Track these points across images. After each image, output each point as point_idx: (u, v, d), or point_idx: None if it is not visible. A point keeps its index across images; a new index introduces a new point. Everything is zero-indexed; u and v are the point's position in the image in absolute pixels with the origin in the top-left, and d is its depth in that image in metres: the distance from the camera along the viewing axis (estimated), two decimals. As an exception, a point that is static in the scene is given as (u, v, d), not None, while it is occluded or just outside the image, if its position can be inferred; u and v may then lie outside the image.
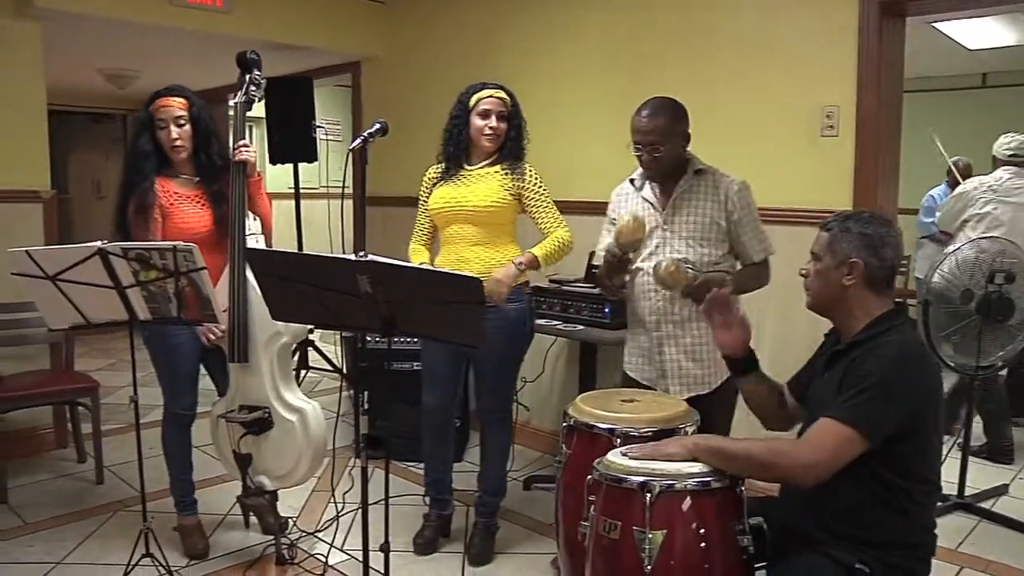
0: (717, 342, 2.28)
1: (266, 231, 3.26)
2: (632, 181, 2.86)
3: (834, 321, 2.06)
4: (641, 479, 1.91)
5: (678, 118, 2.70)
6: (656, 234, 2.73)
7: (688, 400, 2.62)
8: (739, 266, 2.80)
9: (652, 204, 2.76)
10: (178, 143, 2.96)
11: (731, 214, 2.70)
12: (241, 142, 2.98)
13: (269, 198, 3.19)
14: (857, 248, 1.93)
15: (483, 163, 3.08)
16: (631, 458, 2.01)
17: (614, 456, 2.06)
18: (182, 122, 2.96)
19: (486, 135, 3.01)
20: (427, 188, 3.16)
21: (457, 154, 3.07)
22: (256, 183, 3.07)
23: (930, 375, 1.89)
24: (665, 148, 2.65)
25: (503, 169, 3.05)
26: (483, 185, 3.03)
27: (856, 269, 1.93)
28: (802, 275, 2.07)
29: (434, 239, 3.21)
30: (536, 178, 3.07)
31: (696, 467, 1.93)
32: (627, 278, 2.80)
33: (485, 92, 3.01)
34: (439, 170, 3.14)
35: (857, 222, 1.97)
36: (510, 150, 3.07)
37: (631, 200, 2.83)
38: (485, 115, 3.00)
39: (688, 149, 2.77)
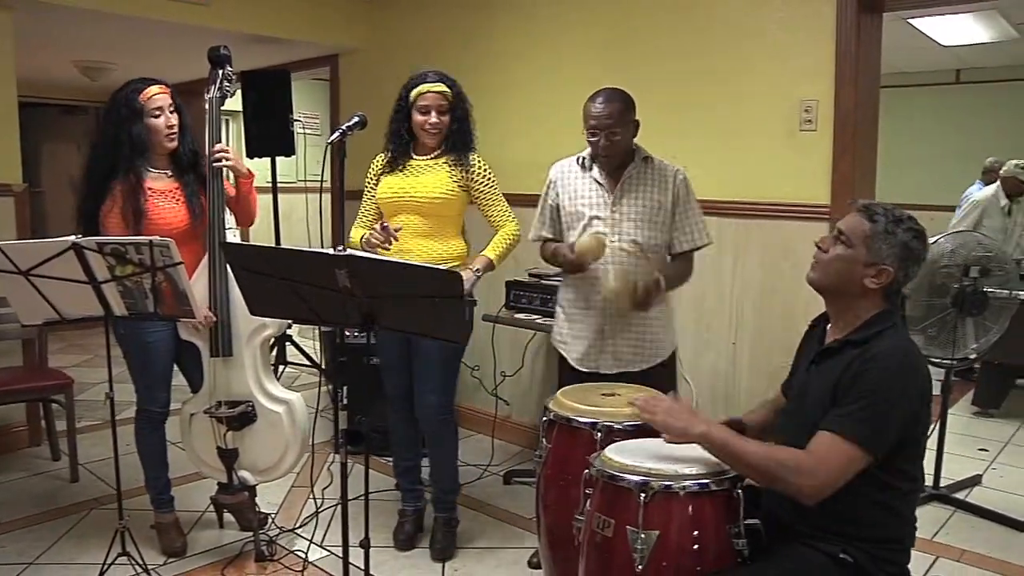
0: None
1: (246, 224, 3.22)
2: (580, 161, 2.93)
3: (830, 306, 2.01)
4: (638, 478, 1.89)
5: (630, 106, 2.81)
6: (605, 215, 2.82)
7: (621, 376, 2.78)
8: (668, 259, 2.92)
9: (601, 185, 2.85)
10: (175, 130, 2.93)
11: (677, 200, 2.84)
12: (218, 146, 2.95)
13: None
14: (895, 257, 1.86)
15: (430, 154, 3.07)
16: (638, 407, 1.99)
17: (612, 452, 2.04)
18: (173, 109, 2.94)
19: (426, 131, 3.00)
20: (374, 176, 3.14)
21: (402, 146, 3.07)
22: (247, 182, 3.06)
23: (926, 379, 1.87)
24: (621, 132, 2.75)
25: (450, 161, 3.04)
26: (431, 176, 3.02)
27: (885, 276, 1.87)
28: (818, 246, 1.97)
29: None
30: (485, 169, 3.07)
31: (694, 468, 1.91)
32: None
33: (424, 87, 2.98)
34: (385, 159, 3.12)
35: (906, 231, 1.87)
36: (455, 141, 3.05)
37: (576, 179, 2.91)
38: (425, 111, 2.98)
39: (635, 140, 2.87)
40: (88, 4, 4.12)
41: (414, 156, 3.07)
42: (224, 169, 2.97)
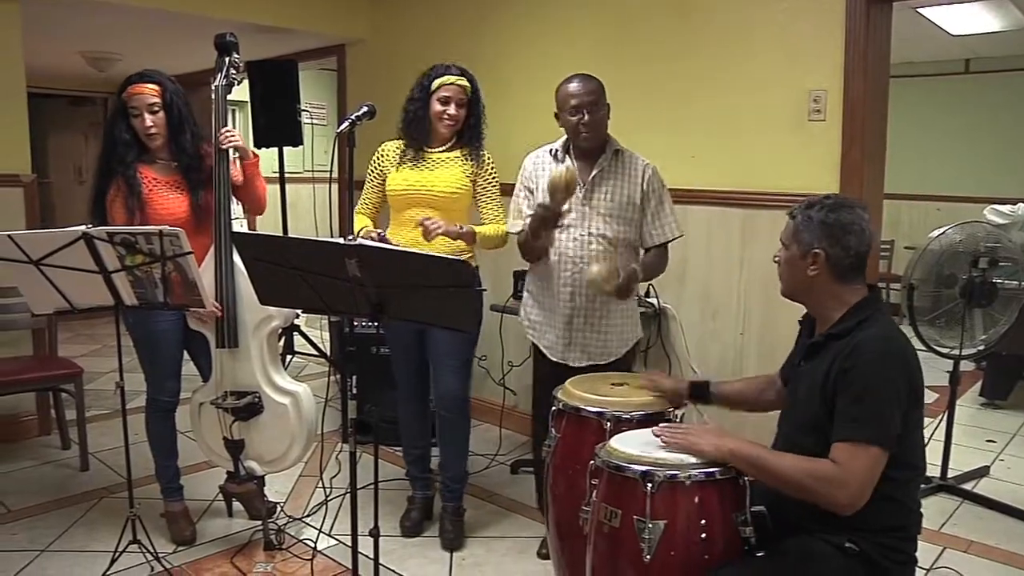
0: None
1: (256, 211, 3.21)
2: (553, 152, 2.95)
3: (808, 308, 2.06)
4: (643, 468, 1.90)
5: (604, 89, 2.85)
6: (576, 209, 2.83)
7: (591, 368, 2.81)
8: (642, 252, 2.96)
9: None
10: (152, 131, 2.90)
11: (647, 194, 2.86)
12: (225, 129, 2.95)
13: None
14: (819, 237, 1.91)
15: (443, 147, 3.08)
16: (662, 441, 1.98)
17: (616, 442, 2.04)
18: (155, 109, 2.90)
19: (444, 121, 3.01)
20: (385, 164, 3.12)
21: (418, 136, 3.07)
22: (253, 165, 3.04)
23: (914, 365, 1.89)
24: (599, 114, 2.80)
25: (463, 154, 3.06)
26: (446, 171, 3.04)
27: (819, 260, 1.92)
28: (775, 262, 2.07)
29: (380, 213, 3.20)
30: (492, 168, 3.11)
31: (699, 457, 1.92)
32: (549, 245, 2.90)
33: (448, 78, 3.00)
34: (398, 147, 3.12)
35: (820, 210, 1.94)
36: (470, 136, 3.07)
37: (549, 172, 2.88)
38: (445, 102, 2.99)
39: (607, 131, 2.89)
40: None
41: (427, 148, 3.08)
42: (230, 156, 2.96)
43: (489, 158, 3.10)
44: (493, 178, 3.11)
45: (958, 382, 3.72)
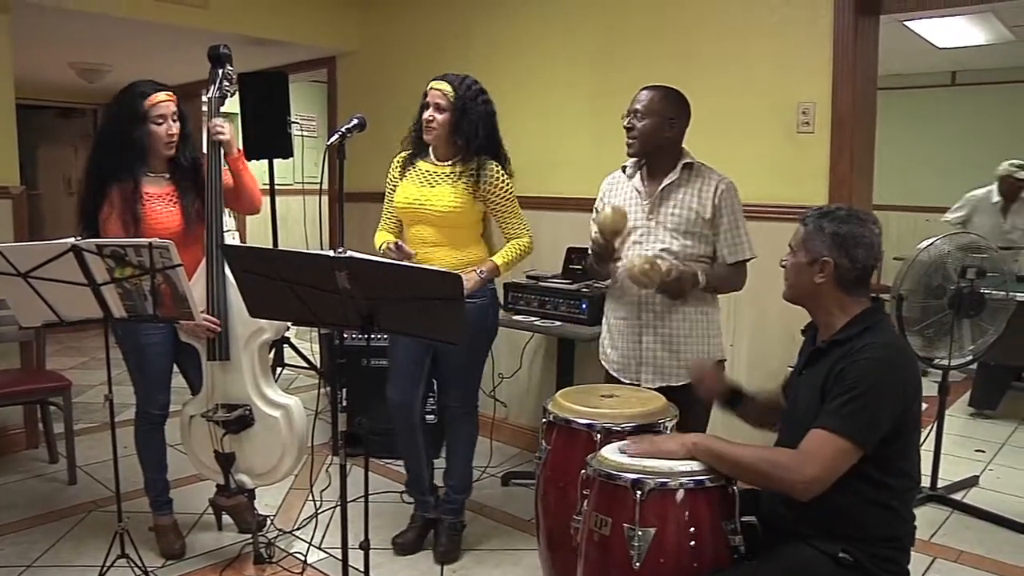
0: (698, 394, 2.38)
1: (251, 210, 3.20)
2: (624, 169, 2.89)
3: (811, 313, 2.07)
4: (634, 476, 1.90)
5: (673, 103, 2.75)
6: (641, 224, 2.76)
7: (662, 391, 2.63)
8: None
9: (640, 193, 2.80)
10: (175, 139, 2.92)
11: (719, 209, 2.73)
12: (215, 121, 2.95)
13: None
14: (829, 247, 1.94)
15: (447, 161, 3.04)
16: (628, 455, 1.99)
17: (608, 452, 2.05)
18: (175, 118, 2.92)
19: (426, 126, 2.99)
20: (394, 176, 3.14)
21: (416, 144, 3.07)
22: (237, 160, 3.03)
23: (913, 375, 1.91)
24: (644, 123, 2.70)
25: (467, 170, 2.99)
26: (445, 188, 2.99)
27: (827, 268, 1.94)
28: (781, 266, 2.08)
29: (402, 227, 3.17)
30: (502, 181, 3.01)
31: (690, 465, 1.92)
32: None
33: (431, 84, 2.98)
34: (402, 159, 3.13)
35: (832, 220, 1.96)
36: (467, 148, 2.98)
37: (620, 188, 2.86)
38: (426, 107, 2.98)
39: (683, 146, 2.81)
40: (85, 7, 4.11)
41: (434, 161, 3.06)
42: (223, 165, 2.96)
43: (497, 170, 3.01)
44: (505, 191, 3.02)
45: (947, 392, 3.73)
